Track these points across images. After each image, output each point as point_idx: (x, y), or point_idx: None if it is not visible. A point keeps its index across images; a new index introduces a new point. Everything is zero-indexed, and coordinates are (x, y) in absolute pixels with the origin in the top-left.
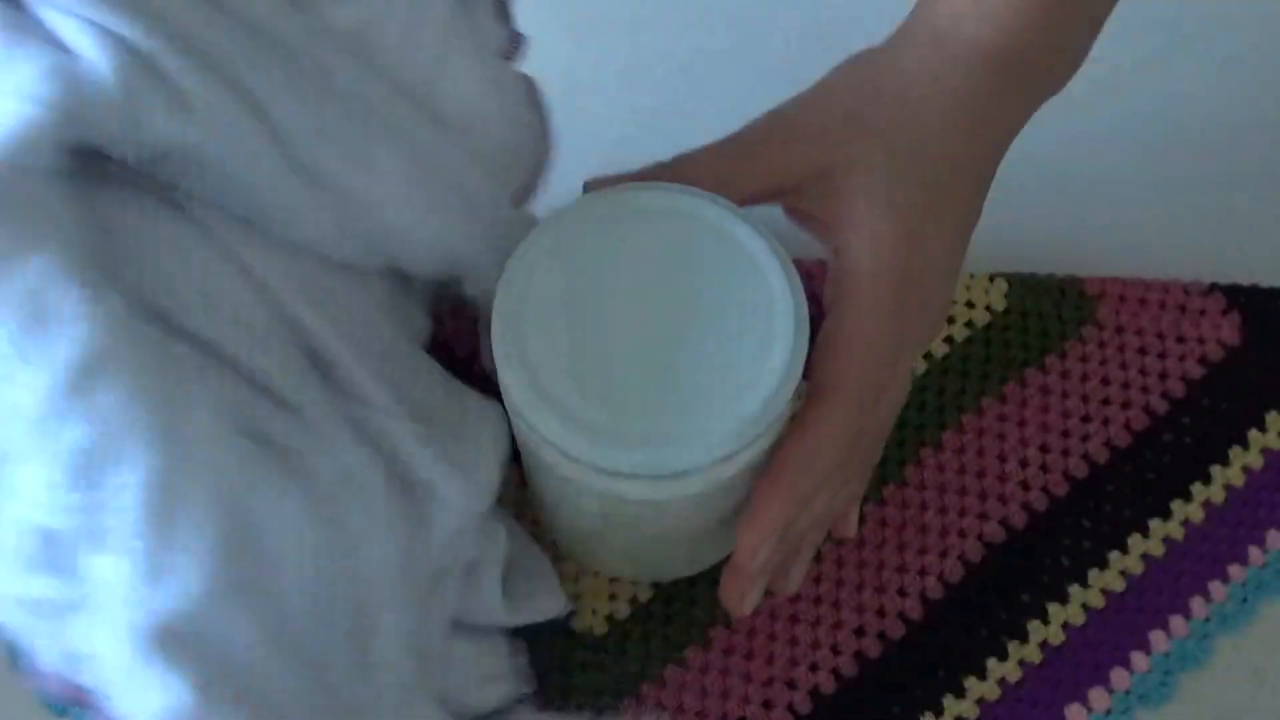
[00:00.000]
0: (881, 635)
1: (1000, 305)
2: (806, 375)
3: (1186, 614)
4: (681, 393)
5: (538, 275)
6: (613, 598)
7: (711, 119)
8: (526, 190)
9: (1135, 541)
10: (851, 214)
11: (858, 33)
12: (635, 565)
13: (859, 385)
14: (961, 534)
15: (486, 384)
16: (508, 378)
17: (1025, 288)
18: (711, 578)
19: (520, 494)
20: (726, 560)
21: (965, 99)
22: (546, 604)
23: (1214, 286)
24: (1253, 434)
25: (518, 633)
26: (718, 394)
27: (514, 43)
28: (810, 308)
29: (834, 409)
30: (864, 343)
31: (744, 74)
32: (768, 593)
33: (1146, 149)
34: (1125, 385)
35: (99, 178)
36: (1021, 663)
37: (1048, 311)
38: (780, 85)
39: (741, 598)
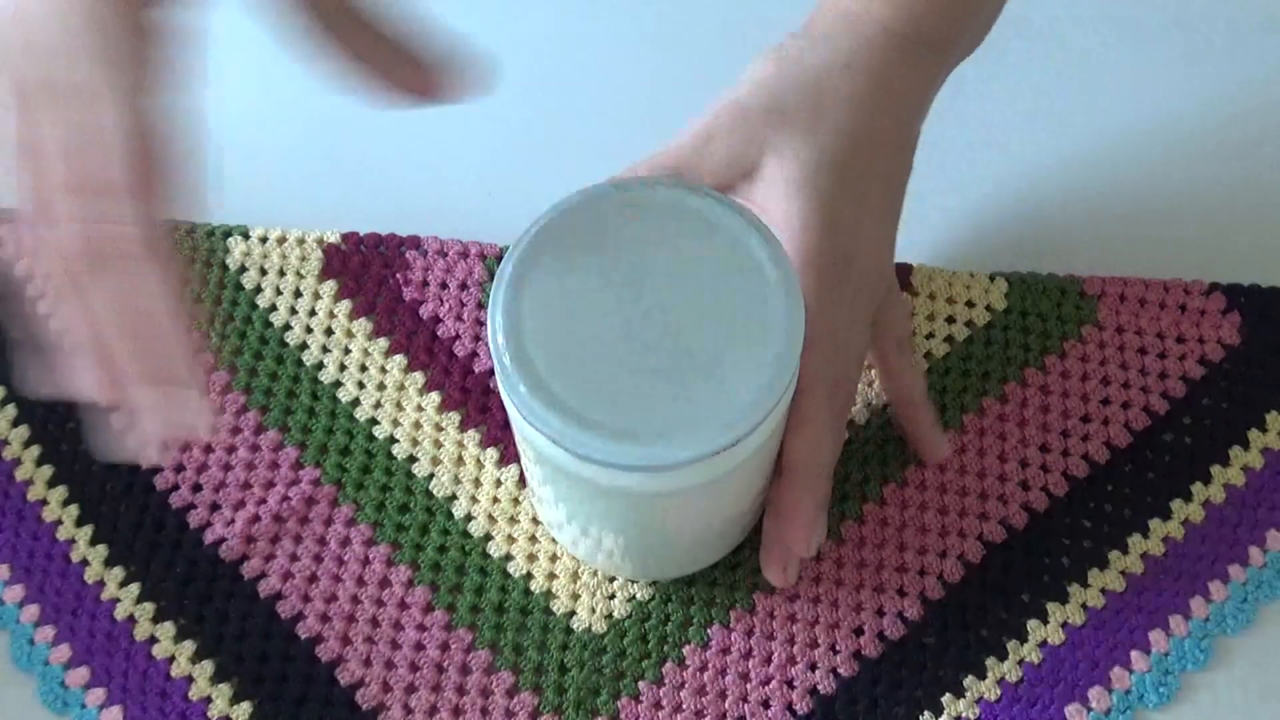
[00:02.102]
0: (881, 635)
1: (1000, 305)
2: None
3: (1186, 614)
4: (680, 385)
5: (535, 271)
6: (612, 597)
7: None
8: None
9: (1135, 541)
10: (778, 205)
11: None
12: (635, 564)
13: (825, 372)
14: (961, 534)
15: (486, 380)
16: (507, 373)
17: (1025, 288)
18: (711, 578)
19: (520, 492)
20: (724, 561)
21: (879, 79)
22: None
23: (1214, 286)
24: (1253, 434)
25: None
26: (715, 386)
27: None
28: None
29: (813, 403)
30: (811, 332)
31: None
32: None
33: (1146, 149)
34: (1125, 385)
35: None
36: (1021, 663)
37: (1048, 311)
38: None
39: (784, 570)
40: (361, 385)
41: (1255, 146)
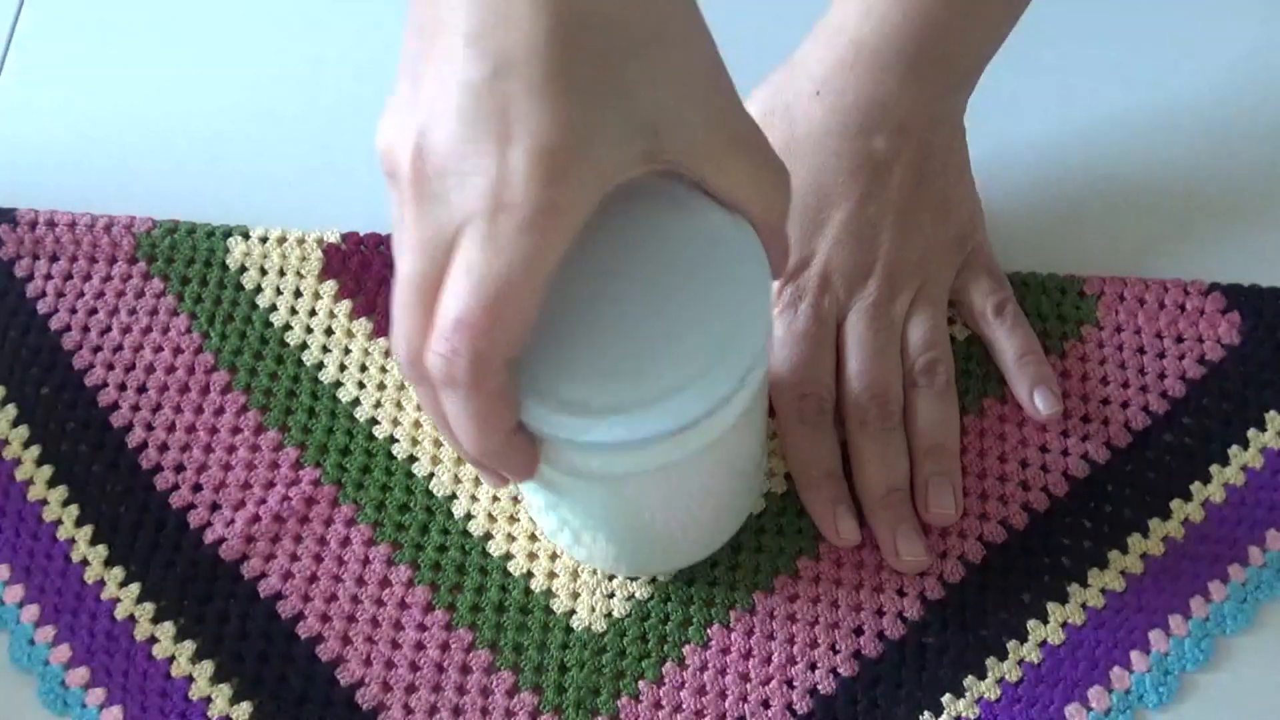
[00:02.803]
0: (881, 635)
1: None
2: None
3: (1186, 614)
4: (646, 362)
5: None
6: (611, 596)
7: None
8: None
9: (1135, 541)
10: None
11: None
12: (630, 557)
13: (788, 389)
14: (961, 534)
15: None
16: None
17: (1025, 288)
18: (711, 578)
19: (520, 490)
20: (724, 561)
21: (847, 101)
22: None
23: (1214, 286)
24: (1253, 434)
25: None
26: (682, 363)
27: None
28: None
29: (780, 416)
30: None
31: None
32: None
33: (1147, 149)
34: (1125, 385)
35: None
36: (1021, 663)
37: (1048, 311)
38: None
39: (836, 524)
40: (361, 385)
41: (1256, 146)
